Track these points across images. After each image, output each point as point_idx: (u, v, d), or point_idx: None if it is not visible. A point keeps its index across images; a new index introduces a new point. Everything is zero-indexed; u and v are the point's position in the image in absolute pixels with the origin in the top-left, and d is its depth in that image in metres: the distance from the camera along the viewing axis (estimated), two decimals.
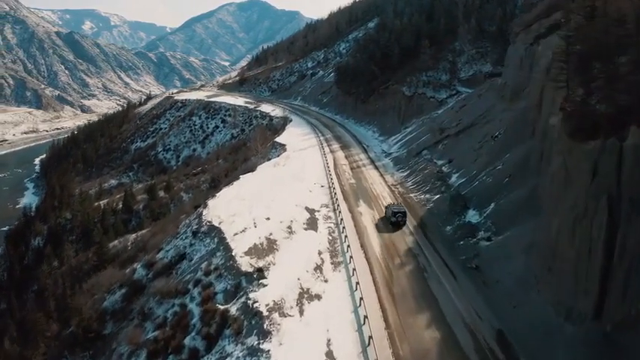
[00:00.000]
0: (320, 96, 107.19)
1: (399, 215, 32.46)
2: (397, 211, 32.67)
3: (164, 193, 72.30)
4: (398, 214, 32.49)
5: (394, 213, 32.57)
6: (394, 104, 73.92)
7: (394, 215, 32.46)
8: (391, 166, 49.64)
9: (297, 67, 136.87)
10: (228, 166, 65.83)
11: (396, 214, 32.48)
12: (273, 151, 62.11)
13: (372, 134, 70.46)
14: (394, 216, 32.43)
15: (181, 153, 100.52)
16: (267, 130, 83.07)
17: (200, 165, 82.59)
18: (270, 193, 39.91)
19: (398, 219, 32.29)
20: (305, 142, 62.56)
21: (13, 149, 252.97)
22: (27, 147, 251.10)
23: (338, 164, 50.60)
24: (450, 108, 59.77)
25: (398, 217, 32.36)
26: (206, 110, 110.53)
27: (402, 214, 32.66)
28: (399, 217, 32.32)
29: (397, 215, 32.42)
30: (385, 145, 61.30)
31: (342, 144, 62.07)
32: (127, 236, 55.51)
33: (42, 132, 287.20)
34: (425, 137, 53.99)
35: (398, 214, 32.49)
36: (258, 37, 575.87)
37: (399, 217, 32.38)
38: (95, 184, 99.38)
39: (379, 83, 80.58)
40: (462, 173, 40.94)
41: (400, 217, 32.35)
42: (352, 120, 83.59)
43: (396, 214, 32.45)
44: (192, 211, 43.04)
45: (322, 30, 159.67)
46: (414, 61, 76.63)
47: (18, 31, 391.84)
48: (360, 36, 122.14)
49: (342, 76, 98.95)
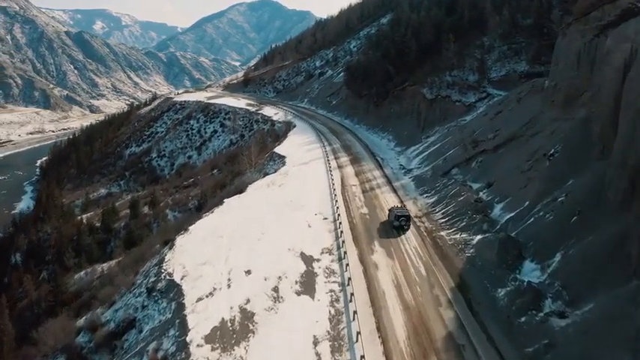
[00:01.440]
0: (328, 98, 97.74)
1: (403, 219, 30.48)
2: (400, 215, 30.66)
3: (149, 209, 63.58)
4: (401, 217, 30.54)
5: (397, 217, 30.56)
6: (412, 108, 64.22)
7: (397, 219, 30.48)
8: (413, 188, 39.97)
9: (305, 66, 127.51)
10: (220, 181, 56.82)
11: (399, 217, 30.53)
12: (271, 165, 52.90)
13: (387, 143, 60.80)
14: (397, 220, 30.46)
15: (176, 160, 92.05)
16: (268, 137, 74.00)
17: (193, 175, 73.86)
18: (258, 227, 30.72)
19: (401, 223, 30.42)
20: (308, 154, 53.21)
21: (16, 150, 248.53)
22: (31, 148, 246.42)
23: (346, 184, 41.14)
24: (481, 114, 49.92)
25: (401, 221, 30.46)
26: (205, 113, 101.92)
27: (405, 217, 30.54)
28: (403, 222, 30.41)
29: (400, 219, 30.49)
30: (403, 159, 51.60)
31: (352, 156, 52.55)
32: (96, 267, 46.86)
33: (48, 132, 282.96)
34: (453, 151, 44.21)
35: (401, 217, 30.54)
36: (269, 37, 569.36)
37: (402, 221, 30.45)
38: (84, 193, 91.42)
39: (395, 84, 70.89)
40: (509, 204, 31.21)
41: (404, 222, 30.42)
42: (364, 126, 74.00)
43: (399, 218, 30.51)
44: (160, 247, 34.02)
45: (331, 27, 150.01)
46: (434, 58, 66.73)
47: (27, 30, 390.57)
48: (372, 32, 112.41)
49: (353, 75, 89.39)
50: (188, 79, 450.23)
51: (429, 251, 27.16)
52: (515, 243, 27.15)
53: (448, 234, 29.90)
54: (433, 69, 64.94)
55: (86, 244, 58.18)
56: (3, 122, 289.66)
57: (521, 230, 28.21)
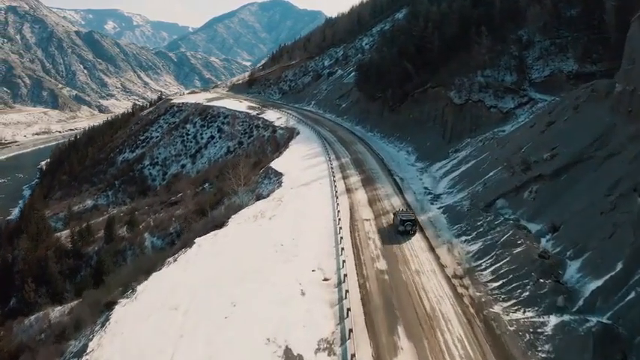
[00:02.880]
0: (337, 100, 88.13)
1: (408, 224, 28.58)
2: (406, 220, 28.75)
3: (127, 230, 54.78)
4: (407, 222, 28.63)
5: (402, 221, 28.63)
6: (436, 114, 54.45)
7: (402, 224, 28.56)
8: (445, 225, 30.19)
9: (313, 65, 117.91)
10: (206, 201, 47.70)
11: (404, 222, 28.62)
12: (265, 183, 43.64)
13: (406, 157, 51.06)
14: (402, 224, 28.54)
15: (169, 169, 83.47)
16: (268, 145, 64.85)
17: (183, 189, 64.94)
18: (230, 294, 21.48)
19: (407, 228, 28.52)
20: (311, 171, 43.81)
21: (21, 151, 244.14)
22: (36, 149, 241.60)
23: (357, 218, 31.55)
24: (526, 125, 39.92)
25: (407, 225, 28.55)
26: (202, 117, 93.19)
27: (411, 222, 28.68)
28: (408, 227, 28.49)
29: (406, 224, 28.57)
30: (427, 178, 41.80)
31: (364, 174, 42.92)
32: (49, 311, 38.01)
33: (54, 133, 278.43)
34: (495, 173, 34.35)
35: (407, 222, 28.63)
36: (280, 37, 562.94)
37: (407, 225, 28.53)
38: (67, 205, 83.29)
39: (414, 85, 61.11)
40: (589, 263, 21.30)
41: (409, 227, 28.48)
42: (378, 133, 64.28)
43: (404, 223, 28.59)
44: (100, 313, 24.84)
45: (342, 24, 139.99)
46: (462, 55, 56.75)
47: (37, 30, 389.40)
48: (386, 28, 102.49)
49: (365, 75, 79.72)
50: (198, 79, 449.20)
51: (483, 349, 17.52)
52: (616, 338, 17.39)
53: (506, 311, 20.14)
54: (461, 68, 54.99)
55: (52, 272, 49.55)
56: (10, 122, 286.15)
57: (618, 312, 18.38)
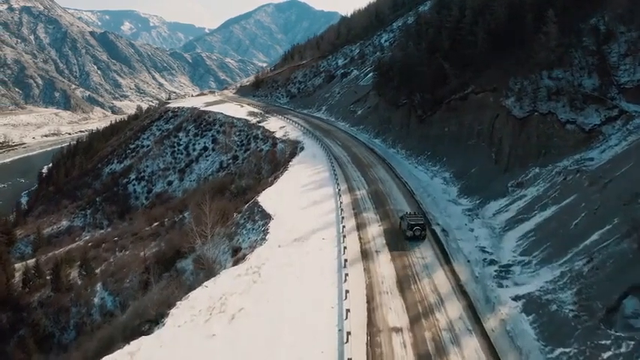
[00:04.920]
0: (352, 106, 74.85)
1: (417, 229, 26.26)
2: (415, 224, 26.38)
3: (78, 276, 42.68)
4: (416, 227, 26.28)
5: (411, 226, 26.29)
6: (480, 129, 40.95)
7: (411, 228, 26.25)
8: (536, 348, 16.81)
9: (325, 65, 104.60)
10: (169, 249, 35.15)
11: (413, 227, 26.28)
12: (247, 229, 30.87)
13: (444, 187, 37.57)
14: (411, 229, 26.24)
15: (155, 186, 71.63)
16: (265, 162, 52.17)
17: (160, 217, 52.73)
18: None
19: (415, 233, 26.18)
20: (311, 213, 30.77)
21: (27, 154, 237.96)
22: (43, 152, 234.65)
23: (379, 327, 18.30)
24: (630, 152, 26.26)
25: (416, 230, 26.24)
26: (197, 124, 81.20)
27: (420, 226, 26.33)
28: (417, 231, 26.26)
29: (415, 229, 26.26)
30: (482, 229, 28.24)
31: (389, 222, 29.40)
32: None
33: (64, 135, 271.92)
34: (601, 236, 20.75)
35: (416, 227, 26.28)
36: (296, 39, 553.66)
37: (416, 230, 26.23)
38: (41, 224, 72.20)
39: (451, 89, 47.54)
40: None
41: (418, 232, 26.24)
42: (402, 150, 50.87)
43: (413, 227, 26.27)
44: None
45: (358, 20, 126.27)
46: (515, 51, 43.03)
47: (51, 30, 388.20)
48: (409, 22, 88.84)
49: (385, 77, 66.38)
50: (213, 80, 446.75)
51: None
52: None
53: None
54: (516, 67, 41.23)
55: None
56: (19, 124, 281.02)
57: None
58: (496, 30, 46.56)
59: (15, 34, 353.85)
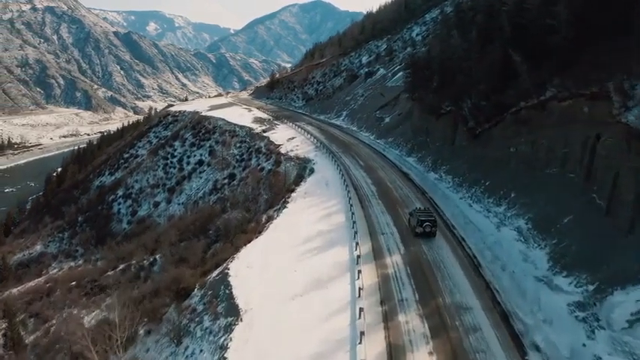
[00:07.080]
0: (378, 112, 61.47)
1: (428, 225, 24.36)
2: (425, 220, 24.44)
3: (3, 348, 31.18)
4: (426, 223, 24.35)
5: (421, 221, 24.31)
6: (570, 153, 27.09)
7: (421, 224, 24.30)
8: None
9: (347, 63, 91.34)
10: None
11: (423, 222, 24.32)
12: (196, 334, 18.20)
13: (522, 247, 23.97)
14: (421, 225, 24.30)
15: (140, 206, 60.28)
16: (263, 187, 39.52)
17: (129, 253, 40.97)
18: None
19: (426, 229, 24.38)
20: (310, 309, 17.94)
21: (42, 155, 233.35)
22: (59, 153, 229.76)
23: None
24: None
25: (426, 226, 24.36)
26: (195, 132, 69.63)
27: (430, 222, 24.46)
28: (427, 227, 24.36)
29: (425, 225, 24.34)
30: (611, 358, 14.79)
31: (447, 337, 16.53)
32: None
33: (82, 135, 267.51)
34: None
35: (426, 223, 24.35)
36: (321, 39, 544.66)
37: (427, 226, 24.36)
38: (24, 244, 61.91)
39: (520, 93, 33.64)
40: None
41: (429, 227, 24.38)
42: (447, 176, 37.26)
43: (423, 223, 24.31)
44: None
45: (385, 13, 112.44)
46: (617, 41, 28.90)
47: (74, 30, 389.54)
48: (447, 12, 74.68)
49: (420, 76, 52.70)
50: (237, 81, 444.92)
51: None
52: None
53: None
54: (622, 62, 27.23)
55: None
56: (38, 124, 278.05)
57: None
58: (583, 16, 32.25)
59: (38, 34, 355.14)
